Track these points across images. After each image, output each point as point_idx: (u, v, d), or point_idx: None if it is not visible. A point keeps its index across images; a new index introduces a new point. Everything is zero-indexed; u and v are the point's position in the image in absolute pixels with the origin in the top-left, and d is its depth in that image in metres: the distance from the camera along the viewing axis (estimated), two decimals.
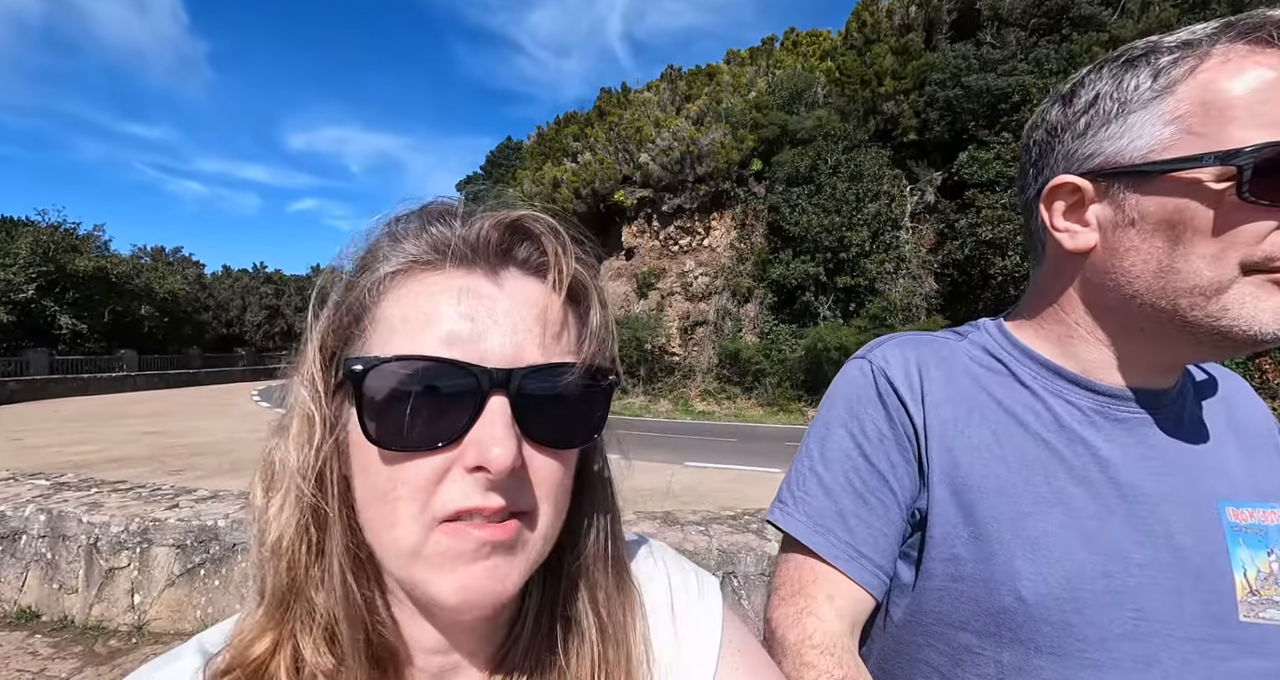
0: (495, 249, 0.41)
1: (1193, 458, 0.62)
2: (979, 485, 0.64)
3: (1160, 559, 0.58)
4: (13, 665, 3.05)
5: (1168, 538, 0.59)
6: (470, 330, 0.38)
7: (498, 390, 0.38)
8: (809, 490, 0.72)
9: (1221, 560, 0.58)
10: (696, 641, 0.49)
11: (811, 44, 24.75)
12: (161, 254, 43.72)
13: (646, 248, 23.81)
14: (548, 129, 30.66)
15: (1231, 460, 0.63)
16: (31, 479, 4.36)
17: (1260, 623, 0.57)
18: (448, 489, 0.38)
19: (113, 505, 3.71)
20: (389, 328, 0.40)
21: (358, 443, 0.40)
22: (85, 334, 31.51)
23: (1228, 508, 0.59)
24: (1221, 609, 0.57)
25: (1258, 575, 0.57)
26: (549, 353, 0.40)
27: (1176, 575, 0.58)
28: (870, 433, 0.70)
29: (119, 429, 12.52)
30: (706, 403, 20.49)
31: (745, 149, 21.34)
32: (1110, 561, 0.58)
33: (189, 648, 0.44)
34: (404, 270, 0.41)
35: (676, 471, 8.90)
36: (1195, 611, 0.57)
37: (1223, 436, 0.64)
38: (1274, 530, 0.59)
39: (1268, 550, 0.58)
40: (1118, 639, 0.57)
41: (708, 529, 3.49)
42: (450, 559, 0.38)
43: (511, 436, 0.37)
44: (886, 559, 0.68)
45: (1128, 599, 0.57)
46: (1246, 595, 0.57)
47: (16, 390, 21.36)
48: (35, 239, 29.58)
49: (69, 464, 8.64)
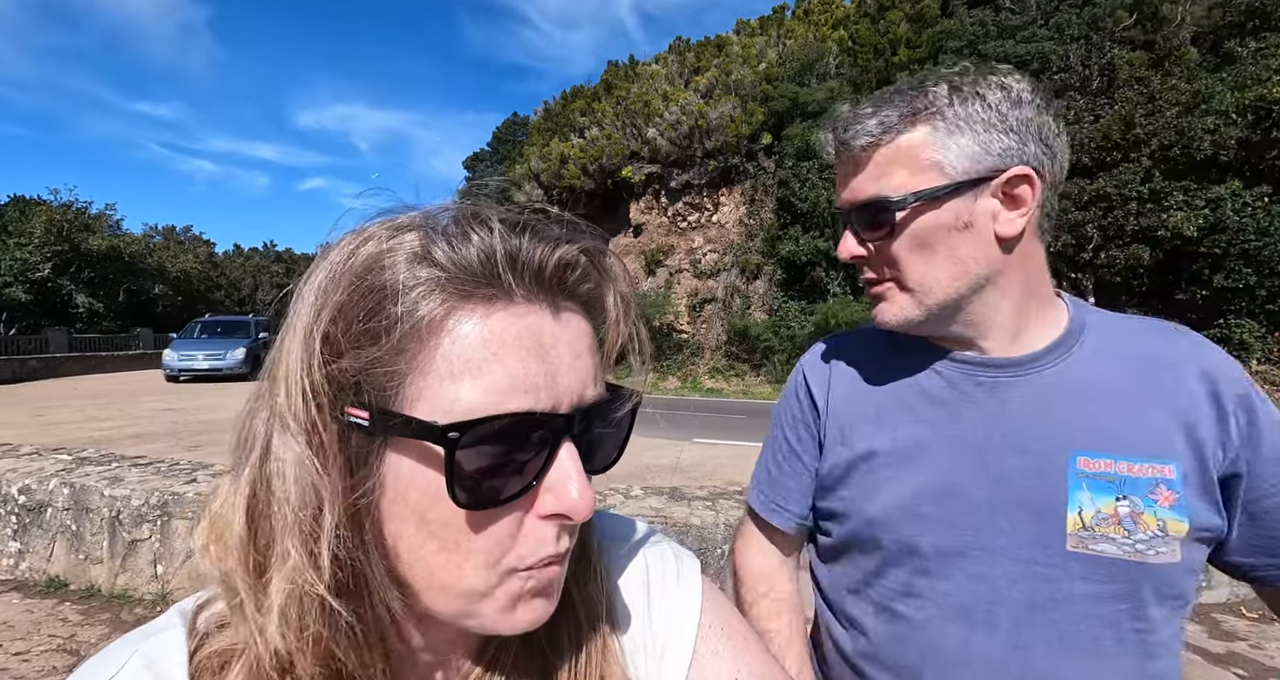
0: (555, 280, 0.38)
1: (1054, 415, 0.72)
2: (858, 445, 0.83)
3: (998, 497, 0.72)
4: (44, 631, 3.17)
5: (1005, 479, 0.72)
6: (545, 375, 0.36)
7: (567, 435, 0.37)
8: (758, 467, 0.99)
9: (1057, 500, 0.70)
10: (672, 626, 0.48)
11: (824, 12, 24.07)
12: (173, 233, 43.89)
13: (654, 224, 23.61)
14: (554, 104, 30.21)
15: (1106, 418, 0.71)
16: (54, 454, 4.47)
17: (1089, 553, 0.68)
18: (525, 540, 0.37)
19: (133, 479, 3.80)
20: (448, 370, 0.34)
21: (409, 496, 0.35)
22: (102, 313, 31.89)
23: (1080, 457, 0.70)
24: (1050, 539, 0.69)
25: (1095, 515, 0.68)
26: (599, 387, 0.40)
27: (1011, 509, 0.71)
28: (787, 420, 0.94)
29: (137, 406, 12.74)
30: (715, 380, 20.53)
31: (755, 123, 20.96)
32: (951, 497, 0.74)
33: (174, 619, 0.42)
34: (463, 298, 0.35)
35: (685, 448, 8.97)
36: (1026, 539, 0.71)
37: (1112, 399, 0.71)
38: (1129, 480, 0.68)
39: (1115, 496, 0.68)
40: (952, 555, 0.74)
41: (715, 504, 3.53)
42: (518, 599, 0.38)
43: (587, 482, 0.37)
44: (801, 509, 0.92)
45: (964, 525, 0.73)
46: (1078, 529, 0.69)
47: (37, 368, 21.73)
48: (49, 218, 29.75)
49: (90, 439, 8.83)
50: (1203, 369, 0.71)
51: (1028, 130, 0.71)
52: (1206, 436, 0.68)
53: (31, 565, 3.75)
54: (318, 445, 0.35)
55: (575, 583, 0.46)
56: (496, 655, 0.45)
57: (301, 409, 0.35)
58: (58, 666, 2.84)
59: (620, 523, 0.55)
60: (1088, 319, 0.77)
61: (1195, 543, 0.69)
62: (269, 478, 0.35)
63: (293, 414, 0.35)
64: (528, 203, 0.42)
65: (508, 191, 20.38)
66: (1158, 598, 0.68)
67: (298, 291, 0.37)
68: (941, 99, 0.72)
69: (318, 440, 0.35)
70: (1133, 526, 0.67)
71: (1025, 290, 0.75)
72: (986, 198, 0.71)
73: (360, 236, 0.37)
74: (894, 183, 0.73)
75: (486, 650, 0.45)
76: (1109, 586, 0.68)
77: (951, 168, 0.71)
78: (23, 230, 29.43)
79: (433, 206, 0.39)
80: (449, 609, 0.38)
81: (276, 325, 0.39)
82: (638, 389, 0.43)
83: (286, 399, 0.35)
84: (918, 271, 0.74)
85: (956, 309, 0.75)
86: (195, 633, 0.41)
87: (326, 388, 0.35)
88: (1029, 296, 0.76)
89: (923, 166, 0.72)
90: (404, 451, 0.35)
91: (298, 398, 0.35)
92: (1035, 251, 0.76)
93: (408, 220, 0.38)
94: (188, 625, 0.41)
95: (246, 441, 0.37)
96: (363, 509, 0.36)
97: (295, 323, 0.36)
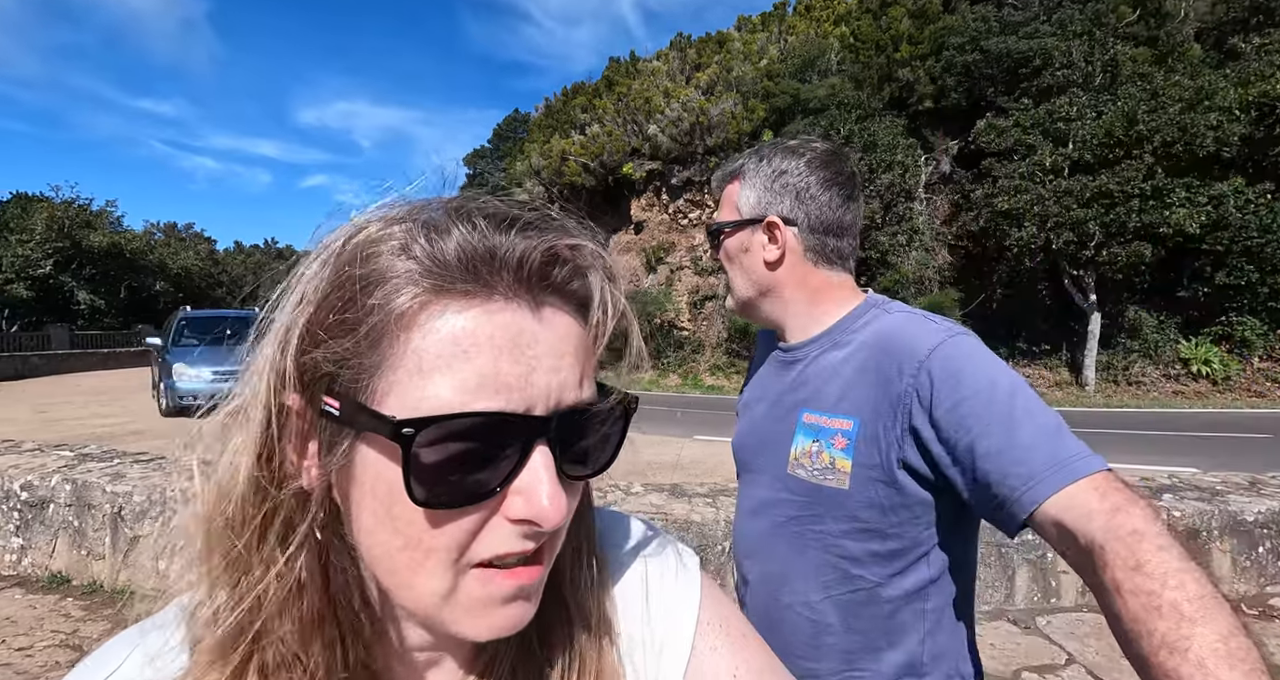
0: (538, 277, 0.36)
1: (804, 383, 1.02)
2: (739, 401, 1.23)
3: (764, 441, 1.07)
4: (47, 626, 3.18)
5: (767, 428, 1.07)
6: (519, 376, 0.35)
7: (542, 438, 0.35)
8: None
9: (786, 441, 1.01)
10: (671, 622, 0.48)
11: (825, 8, 24.00)
12: (174, 230, 43.95)
13: (655, 221, 23.60)
14: (555, 101, 30.17)
15: (831, 387, 0.97)
16: (57, 450, 4.48)
17: (794, 476, 0.99)
18: (486, 537, 0.36)
19: (134, 476, 3.82)
20: (417, 365, 0.34)
21: (376, 489, 0.35)
22: (103, 309, 31.96)
23: (805, 413, 0.99)
24: (779, 465, 1.01)
25: (802, 451, 0.98)
26: (583, 390, 0.38)
27: (768, 444, 1.06)
28: None
29: (139, 402, 12.78)
30: (716, 377, 20.54)
31: (756, 119, 20.93)
32: (744, 438, 1.14)
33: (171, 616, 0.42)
34: (437, 293, 0.34)
35: (685, 445, 8.98)
36: (770, 464, 1.04)
37: (838, 372, 0.97)
38: (823, 429, 0.96)
39: (813, 439, 0.97)
40: (744, 470, 1.14)
41: (715, 501, 3.54)
42: (482, 604, 0.37)
43: (559, 488, 0.35)
44: None
45: (750, 451, 1.12)
46: (793, 461, 0.99)
47: (40, 364, 21.80)
48: (51, 215, 29.81)
49: (92, 436, 8.85)
50: (901, 346, 0.90)
51: (785, 189, 1.02)
52: (886, 399, 0.89)
53: (34, 561, 3.76)
54: (283, 428, 0.36)
55: (573, 580, 0.46)
56: (493, 654, 0.44)
57: (271, 393, 0.35)
58: (60, 661, 2.85)
59: (620, 519, 0.55)
60: (866, 317, 1.01)
61: (872, 480, 0.90)
62: (234, 454, 0.36)
63: (261, 400, 0.35)
64: (528, 201, 0.41)
65: (509, 189, 20.31)
66: (830, 514, 0.94)
67: (286, 280, 0.37)
68: (749, 164, 1.06)
69: (284, 424, 0.36)
70: (815, 460, 0.96)
71: (802, 299, 1.05)
72: (758, 233, 1.04)
73: (354, 227, 0.37)
74: (720, 216, 1.11)
75: (483, 649, 0.45)
76: (800, 499, 0.98)
77: (742, 210, 1.06)
78: (24, 227, 29.47)
79: (427, 200, 0.39)
80: (418, 609, 0.37)
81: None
82: (630, 391, 0.42)
83: (258, 382, 0.35)
84: (730, 276, 1.10)
85: (754, 305, 1.09)
86: (195, 628, 0.41)
87: (301, 375, 0.35)
88: (809, 303, 1.04)
89: (732, 207, 1.07)
90: (372, 444, 0.35)
91: (265, 383, 0.35)
92: (811, 273, 1.04)
93: (401, 213, 0.37)
94: (188, 620, 0.41)
95: (225, 423, 0.38)
96: (337, 497, 0.37)
97: (280, 309, 0.36)
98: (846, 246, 1.05)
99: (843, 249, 1.05)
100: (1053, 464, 0.73)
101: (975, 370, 0.83)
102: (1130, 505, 0.67)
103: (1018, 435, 0.76)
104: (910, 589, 0.91)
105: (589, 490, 0.49)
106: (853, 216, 1.05)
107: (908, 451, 0.87)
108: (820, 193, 1.02)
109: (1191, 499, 3.58)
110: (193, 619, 0.40)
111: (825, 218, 1.02)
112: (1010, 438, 0.77)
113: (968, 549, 0.98)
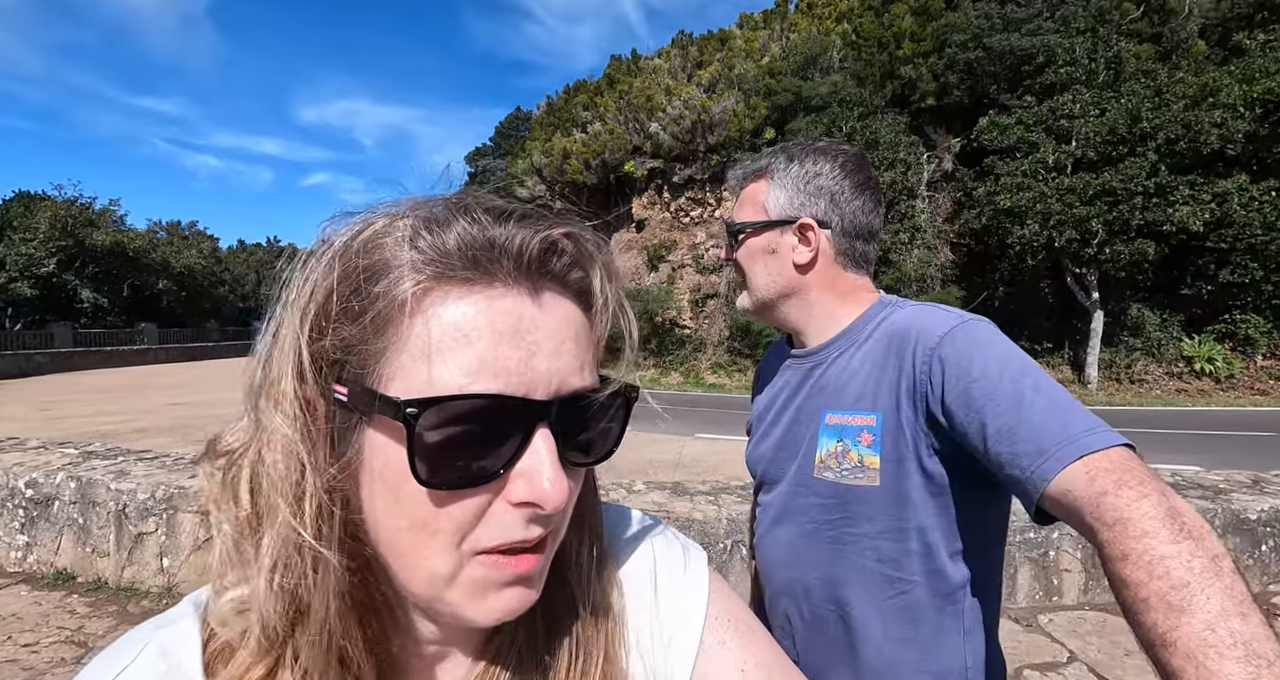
0: (537, 265, 0.38)
1: (824, 386, 1.00)
2: (753, 408, 1.20)
3: (785, 444, 1.05)
4: (53, 623, 3.20)
5: (786, 435, 1.05)
6: (519, 360, 0.36)
7: (543, 422, 0.36)
8: None
9: (812, 443, 0.98)
10: (679, 616, 0.48)
11: (828, 5, 23.91)
12: (177, 228, 44.00)
13: (657, 220, 23.58)
14: (557, 99, 30.14)
15: (851, 385, 0.96)
16: (61, 448, 4.50)
17: (821, 479, 0.96)
18: (490, 523, 0.37)
19: (139, 473, 3.83)
20: (421, 350, 0.35)
21: (385, 473, 0.36)
22: (106, 308, 32.05)
23: (828, 415, 0.97)
24: (804, 471, 0.99)
25: (828, 453, 0.96)
26: (585, 376, 0.39)
27: (790, 451, 1.03)
28: None
29: (142, 400, 12.83)
30: (717, 375, 20.54)
31: (758, 117, 20.89)
32: (760, 449, 1.11)
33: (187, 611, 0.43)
34: (438, 280, 0.36)
35: (687, 443, 8.98)
36: (793, 471, 1.02)
37: (857, 371, 0.96)
38: (850, 428, 0.94)
39: (838, 439, 0.95)
40: (764, 481, 1.10)
41: (717, 499, 3.55)
42: (485, 588, 0.37)
43: (561, 471, 0.36)
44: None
45: (769, 462, 1.08)
46: (819, 464, 0.97)
47: (43, 363, 21.88)
48: (54, 213, 29.89)
49: (96, 434, 8.89)
50: (913, 336, 0.90)
51: (820, 192, 1.00)
52: (904, 390, 0.89)
53: (39, 558, 3.78)
54: (300, 417, 0.36)
55: (579, 570, 0.46)
56: (501, 643, 0.45)
57: (286, 383, 0.36)
58: (66, 658, 2.87)
59: (628, 514, 0.55)
60: (881, 315, 1.00)
61: (903, 473, 0.89)
62: (260, 447, 0.37)
63: (280, 388, 0.36)
64: (529, 199, 0.42)
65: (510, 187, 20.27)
66: (864, 515, 0.92)
67: (294, 274, 0.38)
68: (777, 163, 1.04)
69: (301, 413, 0.36)
70: (843, 460, 0.94)
71: (829, 302, 1.03)
72: (789, 234, 1.02)
73: (363, 221, 0.39)
74: (741, 214, 1.07)
75: (491, 640, 0.45)
76: (830, 502, 0.96)
77: (770, 210, 1.03)
78: (28, 226, 29.56)
79: (429, 197, 0.40)
80: (421, 592, 0.38)
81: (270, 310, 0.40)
82: (630, 381, 0.42)
83: (277, 371, 0.37)
84: (750, 276, 1.07)
85: (774, 307, 1.06)
86: (208, 623, 0.41)
87: (311, 363, 0.36)
88: (833, 307, 1.03)
89: (756, 207, 1.04)
90: (379, 428, 0.36)
91: (285, 371, 0.36)
92: (840, 276, 1.03)
93: (404, 209, 0.39)
94: (200, 616, 0.42)
95: (247, 412, 0.39)
96: (347, 483, 0.38)
97: (291, 301, 0.37)
98: (872, 251, 1.05)
99: (869, 253, 1.05)
100: (1062, 439, 0.70)
101: (986, 353, 0.82)
102: (1118, 489, 0.63)
103: (1027, 413, 0.74)
104: (947, 589, 0.90)
105: (594, 482, 0.49)
106: (880, 221, 1.05)
107: (933, 440, 0.86)
108: (854, 197, 1.01)
109: (1194, 497, 3.57)
110: (216, 614, 0.40)
111: (858, 222, 1.02)
112: (1019, 415, 0.74)
113: (998, 546, 0.96)
